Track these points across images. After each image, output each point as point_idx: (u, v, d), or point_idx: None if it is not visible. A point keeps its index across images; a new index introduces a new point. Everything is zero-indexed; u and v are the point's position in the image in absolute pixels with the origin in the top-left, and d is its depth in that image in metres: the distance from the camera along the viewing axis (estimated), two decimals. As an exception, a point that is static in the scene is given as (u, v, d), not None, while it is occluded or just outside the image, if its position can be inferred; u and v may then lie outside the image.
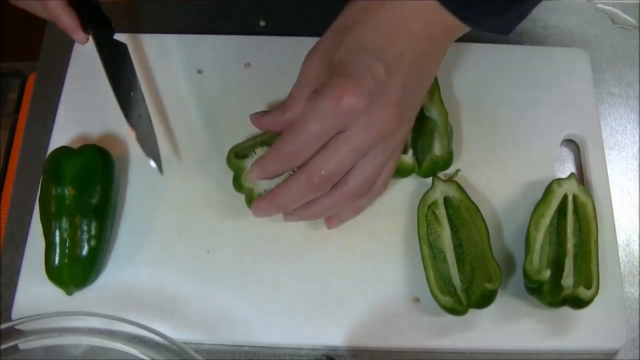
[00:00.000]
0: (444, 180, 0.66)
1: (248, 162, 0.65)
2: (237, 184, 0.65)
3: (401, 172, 0.66)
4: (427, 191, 0.66)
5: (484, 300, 0.60)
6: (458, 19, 0.55)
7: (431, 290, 0.61)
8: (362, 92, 0.54)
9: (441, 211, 0.65)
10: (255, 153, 0.66)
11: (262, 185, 0.63)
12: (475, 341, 0.62)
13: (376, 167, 0.59)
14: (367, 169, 0.58)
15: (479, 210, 0.64)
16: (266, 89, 0.72)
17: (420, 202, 0.65)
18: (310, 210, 0.61)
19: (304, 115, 0.56)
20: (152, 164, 0.62)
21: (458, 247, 0.64)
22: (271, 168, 0.59)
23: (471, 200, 0.65)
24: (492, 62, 0.74)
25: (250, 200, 0.64)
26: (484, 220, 0.64)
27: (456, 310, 0.60)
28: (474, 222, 0.64)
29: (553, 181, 0.65)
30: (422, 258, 0.63)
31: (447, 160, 0.66)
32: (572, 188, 0.65)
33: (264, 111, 0.63)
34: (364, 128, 0.56)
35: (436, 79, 0.68)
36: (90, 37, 0.65)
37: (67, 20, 0.62)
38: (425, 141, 0.67)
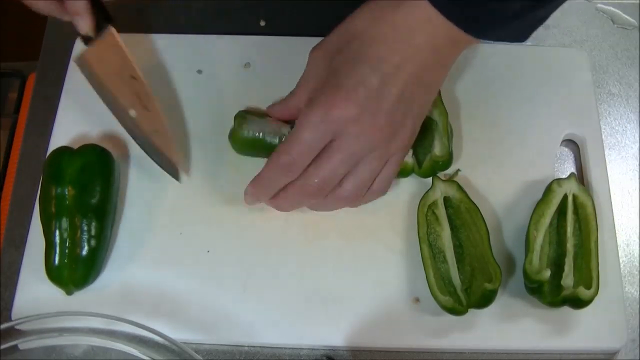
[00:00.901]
0: (443, 180, 0.66)
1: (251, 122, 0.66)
2: (233, 136, 0.67)
3: (401, 172, 0.66)
4: (427, 191, 0.66)
5: (484, 300, 0.60)
6: (464, 31, 0.56)
7: (431, 290, 0.61)
8: (351, 103, 0.56)
9: (441, 211, 0.65)
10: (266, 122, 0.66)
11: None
12: (475, 341, 0.62)
13: (370, 173, 0.61)
14: (360, 176, 0.60)
15: (479, 211, 0.64)
16: (266, 89, 0.72)
17: (420, 202, 0.65)
18: (306, 207, 0.64)
19: (298, 125, 0.59)
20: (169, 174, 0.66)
21: (458, 247, 0.64)
22: (267, 183, 0.61)
23: (471, 200, 0.65)
24: (492, 62, 0.74)
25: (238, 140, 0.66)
26: (484, 221, 0.64)
27: (456, 310, 0.60)
28: (474, 222, 0.64)
29: (553, 181, 0.65)
30: (422, 258, 0.63)
31: (447, 160, 0.66)
32: (572, 188, 0.65)
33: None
34: (355, 137, 0.58)
35: None
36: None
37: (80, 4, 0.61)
38: (425, 141, 0.67)
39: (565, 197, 0.64)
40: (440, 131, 0.67)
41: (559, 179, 0.66)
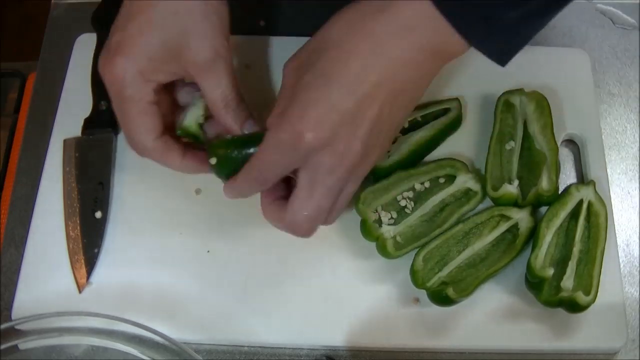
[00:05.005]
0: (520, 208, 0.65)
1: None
2: (366, 230, 0.64)
3: (504, 201, 0.65)
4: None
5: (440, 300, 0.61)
6: (463, 37, 0.51)
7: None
8: (323, 129, 0.52)
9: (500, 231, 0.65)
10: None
11: (389, 232, 0.64)
12: (475, 341, 0.62)
13: (348, 197, 0.58)
14: (341, 203, 0.58)
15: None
16: (266, 89, 0.72)
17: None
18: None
19: (266, 142, 0.54)
20: None
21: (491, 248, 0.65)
22: (243, 190, 0.59)
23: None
24: (491, 63, 0.74)
25: (383, 247, 0.64)
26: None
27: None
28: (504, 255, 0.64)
29: (572, 185, 0.65)
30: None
31: (553, 195, 0.65)
32: (589, 195, 0.65)
33: None
34: (330, 168, 0.54)
35: (549, 109, 0.68)
36: None
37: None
38: (532, 174, 0.66)
39: (580, 202, 0.64)
40: (549, 166, 0.66)
41: (578, 184, 0.66)
